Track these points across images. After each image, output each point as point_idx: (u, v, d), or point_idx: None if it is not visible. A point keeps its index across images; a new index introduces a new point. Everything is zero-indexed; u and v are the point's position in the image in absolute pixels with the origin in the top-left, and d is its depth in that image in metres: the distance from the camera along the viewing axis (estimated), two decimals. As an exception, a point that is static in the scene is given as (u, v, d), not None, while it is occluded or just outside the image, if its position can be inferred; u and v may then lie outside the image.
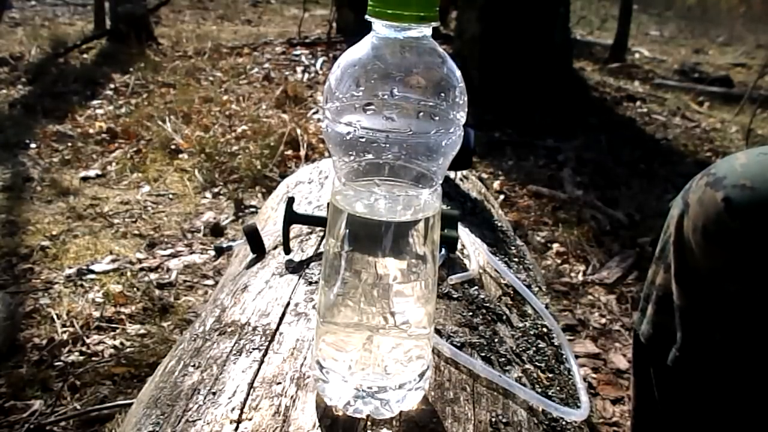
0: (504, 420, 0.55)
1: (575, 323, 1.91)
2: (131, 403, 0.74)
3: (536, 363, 0.68)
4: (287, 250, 0.81)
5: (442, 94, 0.46)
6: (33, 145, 3.07)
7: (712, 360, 0.74)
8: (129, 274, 2.00)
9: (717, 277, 0.72)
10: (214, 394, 0.55)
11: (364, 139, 0.45)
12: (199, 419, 0.52)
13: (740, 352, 0.73)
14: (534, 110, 3.68)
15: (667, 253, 0.80)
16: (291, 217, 0.81)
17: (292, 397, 0.53)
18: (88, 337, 1.69)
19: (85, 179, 2.77)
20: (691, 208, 0.74)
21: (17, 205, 2.48)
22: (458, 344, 0.64)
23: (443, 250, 0.81)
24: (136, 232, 2.33)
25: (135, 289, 1.91)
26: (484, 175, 2.93)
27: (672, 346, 0.78)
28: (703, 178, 0.74)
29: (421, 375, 0.53)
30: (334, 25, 5.43)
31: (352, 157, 0.46)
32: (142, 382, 1.50)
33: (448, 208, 0.94)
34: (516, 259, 0.93)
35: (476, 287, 0.77)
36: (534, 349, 0.70)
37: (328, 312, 0.51)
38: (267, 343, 0.61)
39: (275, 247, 0.85)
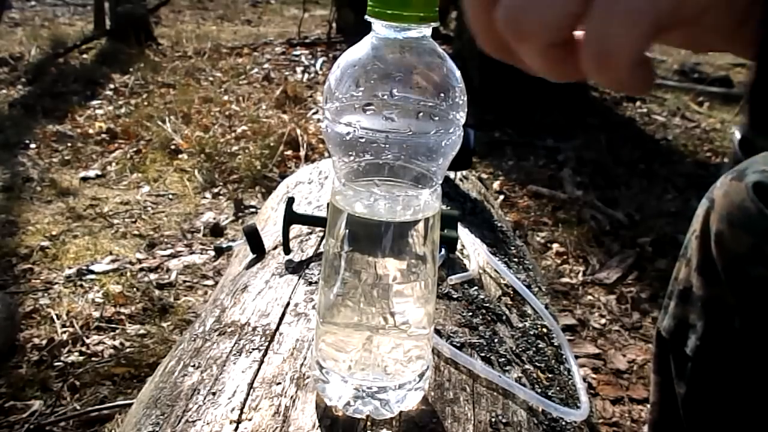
0: (504, 420, 0.55)
1: (575, 323, 1.91)
2: (131, 404, 0.74)
3: (536, 363, 0.68)
4: (287, 251, 0.81)
5: (442, 95, 0.46)
6: (33, 145, 3.07)
7: (731, 346, 0.76)
8: (129, 274, 2.00)
9: (740, 262, 0.74)
10: (213, 394, 0.55)
11: (363, 140, 0.45)
12: (199, 419, 0.52)
13: (760, 337, 0.74)
14: (534, 110, 3.67)
15: (689, 249, 0.82)
16: (291, 217, 0.81)
17: (292, 397, 0.53)
18: (87, 338, 1.68)
19: (84, 179, 2.77)
20: (717, 202, 0.77)
21: (17, 205, 2.48)
22: (458, 344, 0.64)
23: (443, 250, 0.81)
24: (136, 232, 2.32)
25: (135, 289, 1.91)
26: (484, 175, 2.93)
27: (692, 336, 0.80)
28: (727, 176, 0.78)
29: (421, 375, 0.53)
30: (334, 25, 5.43)
31: (351, 158, 0.46)
32: (142, 382, 1.50)
33: (448, 208, 0.94)
34: (516, 259, 0.93)
35: (476, 287, 0.77)
36: (534, 349, 0.70)
37: (328, 312, 0.51)
38: (267, 344, 0.61)
39: (275, 248, 0.85)
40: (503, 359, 0.65)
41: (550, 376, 0.67)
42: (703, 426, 0.83)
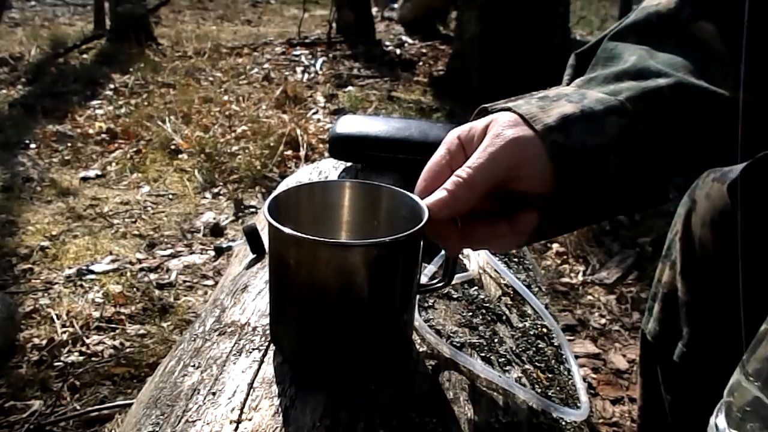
0: (504, 420, 0.55)
1: (575, 323, 1.91)
2: (131, 404, 0.74)
3: (536, 363, 0.68)
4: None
5: None
6: (33, 145, 3.08)
7: (719, 354, 0.74)
8: (129, 274, 2.00)
9: (725, 269, 0.72)
10: (214, 394, 0.55)
11: None
12: (199, 419, 0.52)
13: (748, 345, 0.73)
14: (534, 110, 3.67)
15: (673, 250, 0.80)
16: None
17: (291, 397, 0.53)
18: (87, 338, 1.68)
19: (84, 179, 2.77)
20: (699, 204, 0.75)
21: (17, 205, 2.48)
22: (458, 344, 0.64)
23: (443, 250, 0.81)
24: (136, 232, 2.33)
25: (135, 289, 1.91)
26: (484, 175, 2.92)
27: (678, 343, 0.78)
28: (709, 174, 0.75)
29: None
30: (334, 25, 5.43)
31: None
32: (142, 382, 1.50)
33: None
34: (516, 259, 0.93)
35: (476, 287, 0.77)
36: (534, 349, 0.70)
37: None
38: (267, 343, 0.61)
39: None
40: (503, 359, 0.65)
41: (550, 376, 0.67)
42: None
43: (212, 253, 2.16)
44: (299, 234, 0.51)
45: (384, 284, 0.53)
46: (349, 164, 1.09)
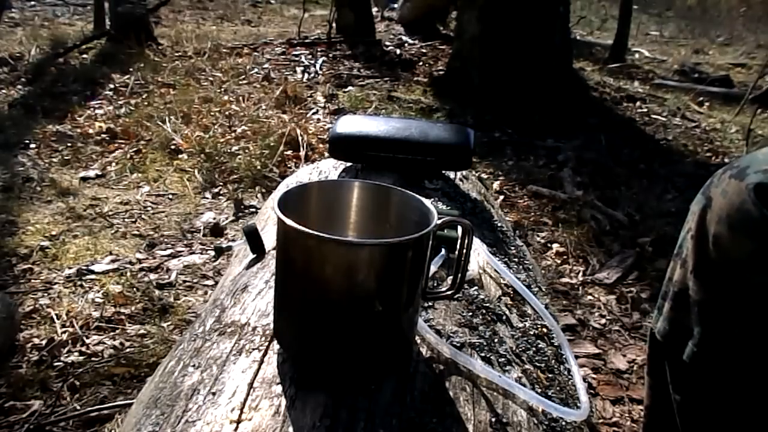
0: (504, 420, 0.55)
1: (575, 323, 1.91)
2: (131, 404, 0.74)
3: (536, 363, 0.68)
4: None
5: None
6: (33, 145, 3.07)
7: (730, 354, 0.73)
8: (129, 274, 2.00)
9: (742, 268, 0.70)
10: (213, 394, 0.55)
11: None
12: (199, 419, 0.52)
13: (761, 345, 0.72)
14: (534, 110, 3.67)
15: (684, 248, 0.79)
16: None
17: (292, 397, 0.53)
18: (87, 338, 1.68)
19: (84, 179, 2.77)
20: (715, 201, 0.73)
21: (17, 205, 2.47)
22: (458, 344, 0.64)
23: (443, 250, 0.81)
24: (136, 232, 2.32)
25: (135, 289, 1.91)
26: (484, 175, 2.93)
27: (688, 342, 0.76)
28: (726, 171, 0.74)
29: None
30: (334, 25, 5.43)
31: None
32: (141, 382, 1.50)
33: (448, 208, 0.94)
34: (516, 259, 0.93)
35: (476, 287, 0.77)
36: (534, 349, 0.70)
37: None
38: (267, 343, 0.61)
39: (275, 247, 0.85)
40: (503, 359, 0.65)
41: (550, 376, 0.67)
42: None
43: (212, 253, 2.16)
44: (308, 230, 0.51)
45: (390, 285, 0.53)
46: (349, 164, 1.09)
